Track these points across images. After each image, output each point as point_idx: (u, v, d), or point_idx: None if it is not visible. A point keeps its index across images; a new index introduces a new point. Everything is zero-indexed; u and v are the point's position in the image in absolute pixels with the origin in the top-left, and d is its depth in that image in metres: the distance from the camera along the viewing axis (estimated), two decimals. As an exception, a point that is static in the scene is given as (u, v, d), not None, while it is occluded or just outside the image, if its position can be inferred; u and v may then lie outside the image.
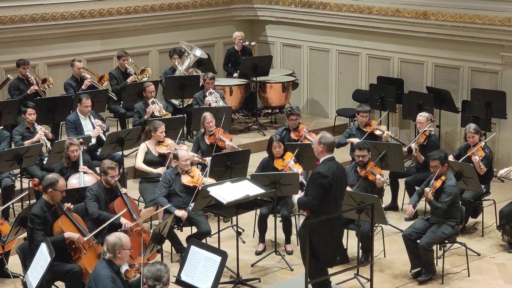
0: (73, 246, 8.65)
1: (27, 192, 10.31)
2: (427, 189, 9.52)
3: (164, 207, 9.83)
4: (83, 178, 10.24)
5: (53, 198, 8.70)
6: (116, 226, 9.10)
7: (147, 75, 13.75)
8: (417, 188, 10.24)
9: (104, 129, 11.72)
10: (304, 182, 10.08)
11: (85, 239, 8.66)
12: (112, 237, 7.53)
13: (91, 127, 11.69)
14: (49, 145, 11.25)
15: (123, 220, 9.16)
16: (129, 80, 13.46)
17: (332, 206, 8.37)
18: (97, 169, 9.93)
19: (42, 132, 11.31)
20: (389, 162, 10.86)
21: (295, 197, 8.66)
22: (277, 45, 15.79)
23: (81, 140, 10.63)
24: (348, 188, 9.86)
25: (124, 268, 7.59)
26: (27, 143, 11.09)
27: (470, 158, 10.66)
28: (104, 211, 9.24)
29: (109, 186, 9.41)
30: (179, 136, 11.21)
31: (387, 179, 10.50)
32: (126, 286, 7.58)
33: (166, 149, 10.96)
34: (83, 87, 12.83)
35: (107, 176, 9.33)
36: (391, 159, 10.87)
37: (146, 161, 10.93)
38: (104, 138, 11.53)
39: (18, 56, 13.21)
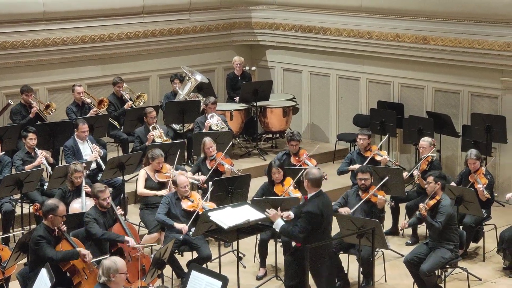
0: (74, 271, 8.65)
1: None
2: (421, 205, 9.48)
3: (163, 222, 9.88)
4: (85, 203, 10.24)
5: (53, 223, 8.71)
6: (119, 251, 9.10)
7: (143, 101, 13.79)
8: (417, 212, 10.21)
9: (101, 154, 11.72)
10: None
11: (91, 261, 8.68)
12: (107, 261, 7.54)
13: (90, 152, 11.67)
14: (50, 170, 11.26)
15: (127, 238, 9.17)
16: (126, 106, 13.50)
17: (324, 236, 8.62)
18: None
19: (42, 156, 11.32)
20: (389, 186, 10.82)
21: (279, 223, 8.74)
22: (277, 70, 15.83)
23: (84, 164, 10.66)
24: (348, 210, 9.90)
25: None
26: (28, 167, 11.10)
27: (473, 186, 10.64)
28: (107, 231, 9.26)
29: (105, 209, 9.43)
30: (175, 162, 11.19)
31: (391, 199, 10.46)
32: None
33: (165, 177, 10.94)
34: (89, 114, 12.86)
35: (99, 199, 9.37)
36: (392, 183, 10.83)
37: (147, 188, 10.90)
38: (101, 163, 11.54)
39: (20, 81, 13.25)
